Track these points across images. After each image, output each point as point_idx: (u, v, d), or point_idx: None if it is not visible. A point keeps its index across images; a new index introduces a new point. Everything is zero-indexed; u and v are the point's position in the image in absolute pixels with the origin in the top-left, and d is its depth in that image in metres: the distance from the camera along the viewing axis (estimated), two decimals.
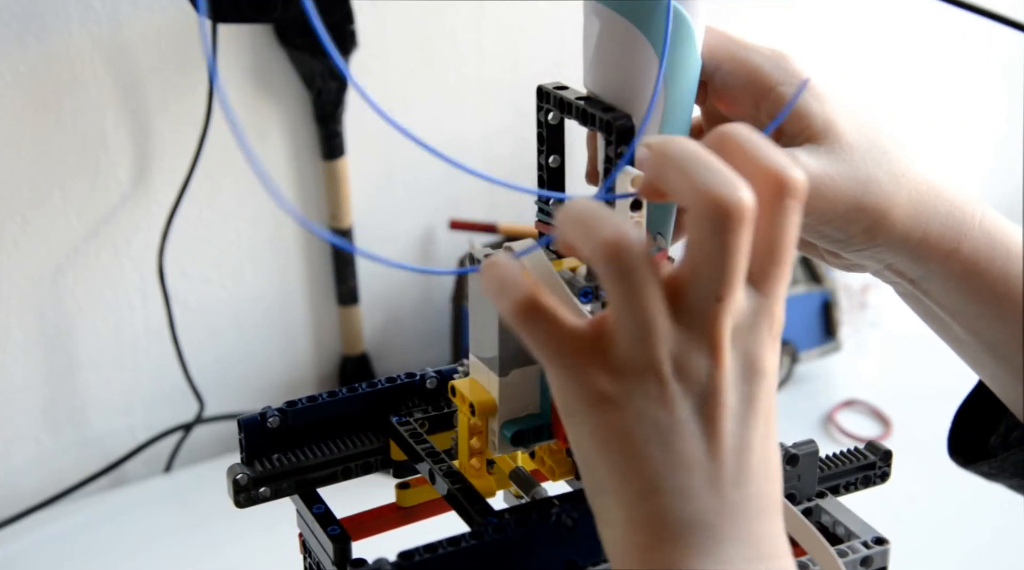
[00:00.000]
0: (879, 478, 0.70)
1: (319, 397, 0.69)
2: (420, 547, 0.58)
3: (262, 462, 0.68)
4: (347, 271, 1.32)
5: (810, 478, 0.67)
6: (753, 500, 0.51)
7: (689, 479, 0.50)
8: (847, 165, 0.61)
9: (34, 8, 1.12)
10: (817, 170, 0.61)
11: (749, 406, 0.51)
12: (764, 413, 0.52)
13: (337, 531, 0.64)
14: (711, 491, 0.50)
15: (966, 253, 0.64)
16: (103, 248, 1.22)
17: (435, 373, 0.71)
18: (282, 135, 1.27)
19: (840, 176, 0.61)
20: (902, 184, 0.62)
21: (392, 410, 0.69)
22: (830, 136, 0.62)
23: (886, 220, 0.62)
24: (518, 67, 1.36)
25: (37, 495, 1.24)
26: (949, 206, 0.64)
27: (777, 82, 0.62)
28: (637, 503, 0.50)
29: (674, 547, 0.49)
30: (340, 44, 1.22)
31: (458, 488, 0.63)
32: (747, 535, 0.50)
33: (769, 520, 0.52)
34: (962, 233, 0.64)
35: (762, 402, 0.52)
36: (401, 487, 0.69)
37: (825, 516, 0.67)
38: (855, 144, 0.62)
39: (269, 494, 0.67)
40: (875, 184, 0.62)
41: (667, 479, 0.50)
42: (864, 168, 0.62)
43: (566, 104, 0.60)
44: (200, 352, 1.29)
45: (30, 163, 1.16)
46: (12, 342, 1.20)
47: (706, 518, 0.50)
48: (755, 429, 0.51)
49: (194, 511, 1.25)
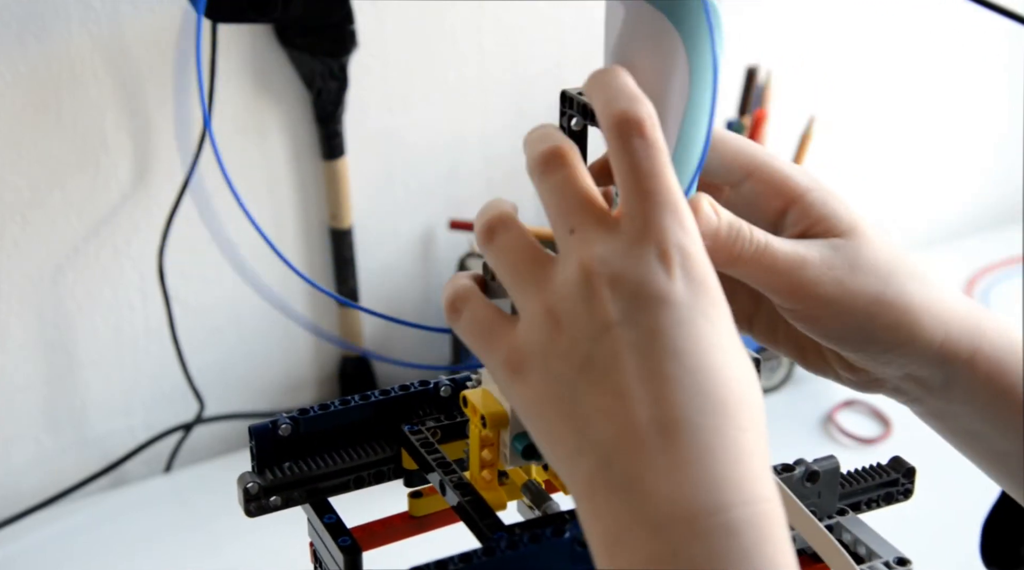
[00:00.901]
0: (902, 495, 0.69)
1: (331, 405, 0.68)
2: (431, 563, 0.57)
3: (273, 470, 0.67)
4: (347, 271, 1.32)
5: (831, 495, 0.65)
6: (693, 442, 0.48)
7: (605, 429, 0.49)
8: (870, 260, 0.62)
9: (34, 8, 1.12)
10: (841, 262, 0.61)
11: (654, 338, 0.49)
12: (681, 343, 0.50)
13: (348, 542, 0.64)
14: (631, 438, 0.49)
15: (987, 355, 0.64)
16: (103, 248, 1.21)
17: (449, 381, 0.70)
18: (282, 135, 1.27)
19: (863, 269, 0.62)
20: (922, 284, 0.63)
21: (405, 418, 0.69)
22: (855, 235, 0.62)
23: (908, 316, 0.62)
24: (518, 67, 1.36)
25: (37, 495, 1.24)
26: (967, 306, 0.64)
27: (807, 188, 0.63)
28: (571, 463, 0.50)
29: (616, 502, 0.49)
30: (340, 44, 1.22)
31: (468, 501, 0.62)
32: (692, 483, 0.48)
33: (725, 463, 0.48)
34: (982, 333, 0.64)
35: (671, 332, 0.50)
36: (414, 496, 0.69)
37: (846, 534, 0.66)
38: (878, 244, 0.63)
39: (280, 503, 0.67)
40: (896, 279, 0.62)
41: (586, 435, 0.49)
42: (886, 266, 0.62)
43: (590, 111, 0.59)
44: (200, 352, 1.29)
45: (30, 163, 1.15)
46: (12, 342, 1.20)
47: (636, 471, 0.48)
48: (668, 361, 0.49)
49: (194, 511, 1.25)
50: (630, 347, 0.49)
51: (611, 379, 0.49)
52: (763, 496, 0.48)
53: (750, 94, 1.38)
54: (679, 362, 0.49)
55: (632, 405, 0.49)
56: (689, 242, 0.51)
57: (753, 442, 0.49)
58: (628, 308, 0.50)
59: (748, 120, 1.35)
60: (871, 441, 1.29)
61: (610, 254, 0.51)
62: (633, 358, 0.49)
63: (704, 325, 0.50)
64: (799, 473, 0.63)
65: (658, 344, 0.49)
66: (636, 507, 0.48)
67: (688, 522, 0.47)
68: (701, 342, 0.50)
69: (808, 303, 0.61)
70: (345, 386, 1.37)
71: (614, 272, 0.50)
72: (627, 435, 0.49)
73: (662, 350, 0.49)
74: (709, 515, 0.47)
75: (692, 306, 0.50)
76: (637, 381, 0.49)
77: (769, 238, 0.60)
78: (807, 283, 0.60)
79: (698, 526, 0.47)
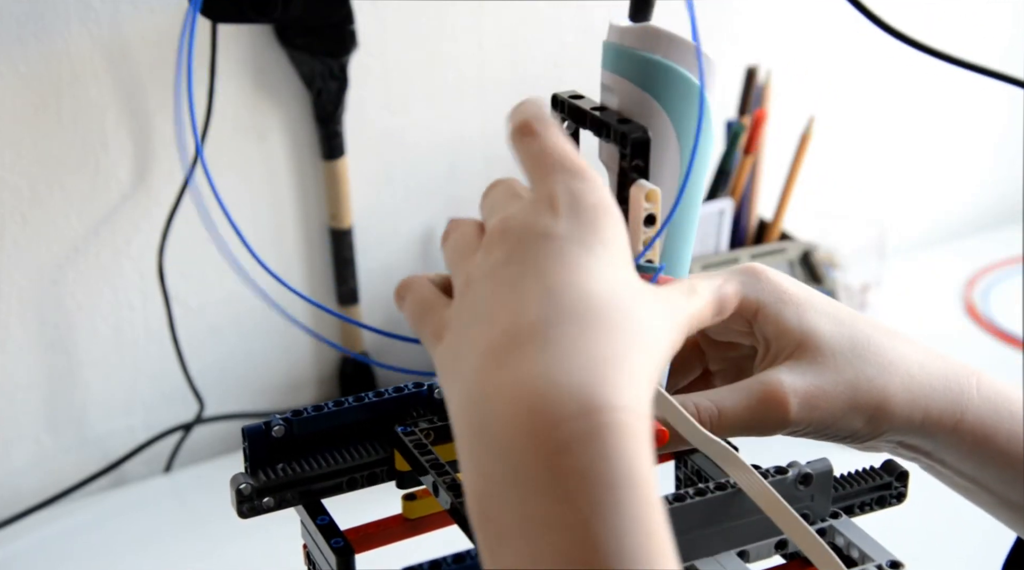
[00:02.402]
0: (895, 499, 0.69)
1: (325, 406, 0.69)
2: (425, 563, 0.57)
3: (266, 472, 0.68)
4: (347, 271, 1.32)
5: (824, 498, 0.65)
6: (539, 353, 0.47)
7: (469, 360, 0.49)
8: (833, 373, 0.62)
9: (34, 8, 1.12)
10: (805, 387, 0.62)
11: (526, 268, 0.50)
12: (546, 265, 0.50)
13: (341, 544, 0.64)
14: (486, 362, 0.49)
15: (971, 423, 0.64)
16: (103, 248, 1.21)
17: None
18: (282, 135, 1.27)
19: (829, 385, 0.62)
20: (893, 373, 0.63)
21: (398, 420, 0.69)
22: (810, 347, 0.63)
23: (884, 411, 0.63)
24: (518, 67, 1.36)
25: (37, 495, 1.24)
26: (944, 381, 0.64)
27: (758, 306, 0.63)
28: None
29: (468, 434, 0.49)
30: (340, 44, 1.22)
31: (461, 502, 0.62)
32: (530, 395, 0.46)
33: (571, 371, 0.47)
34: (962, 405, 0.64)
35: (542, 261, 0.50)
36: (407, 498, 0.69)
37: (839, 538, 0.65)
38: (837, 348, 0.63)
39: (273, 504, 0.67)
40: (865, 382, 0.63)
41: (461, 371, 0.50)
42: (851, 371, 0.63)
43: (580, 114, 0.60)
44: (200, 352, 1.29)
45: (30, 163, 1.16)
46: (12, 342, 1.20)
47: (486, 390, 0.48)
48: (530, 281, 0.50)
49: (194, 511, 1.25)
50: (505, 281, 0.50)
51: (480, 318, 0.50)
52: (612, 405, 0.46)
53: (750, 94, 1.38)
54: (539, 281, 0.50)
55: (492, 327, 0.49)
56: (580, 185, 0.52)
57: (610, 351, 0.48)
58: (513, 250, 0.51)
59: (748, 120, 1.35)
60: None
61: (510, 212, 0.53)
62: (504, 288, 0.50)
63: (576, 251, 0.50)
64: (792, 475, 0.63)
65: (528, 271, 0.50)
66: (475, 431, 0.48)
67: (524, 439, 0.46)
68: (568, 265, 0.50)
69: (784, 429, 0.62)
70: (345, 386, 1.37)
71: (507, 225, 0.52)
72: (484, 357, 0.49)
73: (529, 275, 0.50)
74: (544, 429, 0.45)
75: (569, 238, 0.51)
76: (500, 306, 0.50)
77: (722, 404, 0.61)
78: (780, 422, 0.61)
79: (531, 444, 0.45)
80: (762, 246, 1.36)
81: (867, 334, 0.64)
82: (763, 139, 1.36)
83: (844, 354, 0.63)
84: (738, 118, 1.37)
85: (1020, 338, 1.48)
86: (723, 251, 1.36)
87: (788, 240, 1.39)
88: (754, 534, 0.63)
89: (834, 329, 0.63)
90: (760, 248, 1.36)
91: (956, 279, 1.64)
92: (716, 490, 0.61)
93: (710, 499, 0.61)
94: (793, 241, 1.38)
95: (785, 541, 0.63)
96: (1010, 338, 1.49)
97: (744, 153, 1.35)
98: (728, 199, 1.34)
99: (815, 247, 1.39)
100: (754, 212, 1.39)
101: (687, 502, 0.60)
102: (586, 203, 0.51)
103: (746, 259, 1.34)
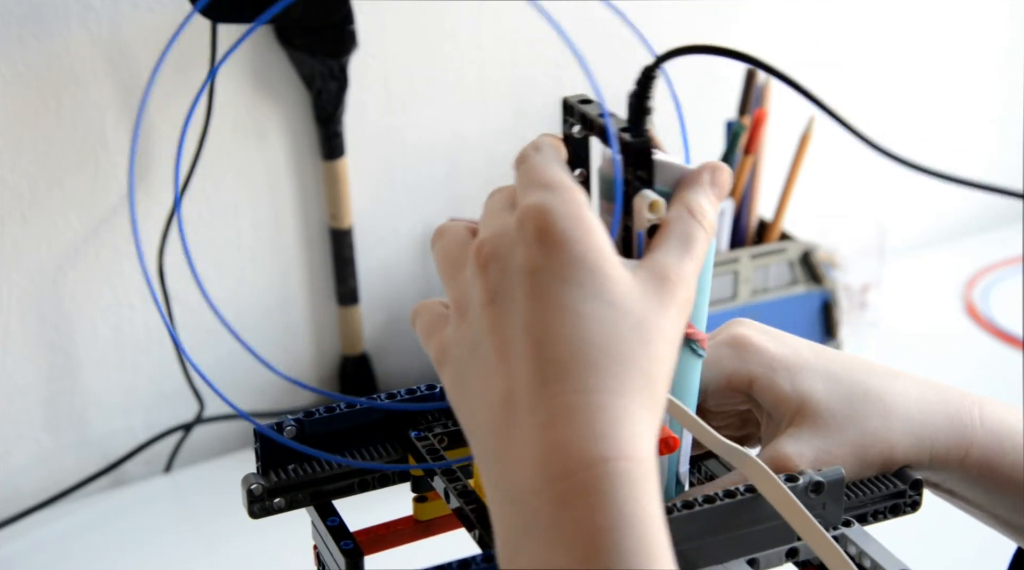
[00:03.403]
0: (909, 507, 0.68)
1: (337, 408, 0.68)
2: (454, 562, 0.57)
3: (277, 472, 0.67)
4: (347, 271, 1.32)
5: (836, 506, 0.64)
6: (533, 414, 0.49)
7: (489, 408, 0.51)
8: (836, 435, 0.64)
9: (34, 8, 1.12)
10: (812, 453, 0.63)
11: (511, 313, 0.51)
12: (531, 315, 0.50)
13: (350, 546, 0.64)
14: (490, 420, 0.51)
15: (976, 457, 0.65)
16: (103, 248, 1.21)
17: None
18: (282, 135, 1.27)
19: (835, 447, 0.64)
20: (895, 419, 0.64)
21: (411, 422, 0.69)
22: (809, 412, 0.64)
23: (892, 460, 0.65)
24: (518, 67, 1.36)
25: (37, 495, 1.24)
26: (946, 420, 0.65)
27: (752, 375, 0.65)
28: (472, 441, 0.53)
29: (487, 481, 0.51)
30: (340, 44, 1.22)
31: (472, 509, 0.62)
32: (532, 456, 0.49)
33: (563, 429, 0.48)
34: (967, 439, 0.65)
35: (525, 304, 0.50)
36: (419, 500, 0.69)
37: (851, 546, 0.64)
38: (835, 409, 0.64)
39: (284, 505, 0.67)
40: (869, 436, 0.64)
41: (471, 417, 0.52)
42: (853, 429, 0.64)
43: (588, 120, 0.59)
44: (200, 352, 1.29)
45: (30, 163, 1.15)
46: (12, 342, 1.20)
47: (495, 448, 0.50)
48: (520, 335, 0.50)
49: (194, 511, 1.25)
50: (494, 325, 0.51)
51: (481, 359, 0.51)
52: (610, 456, 0.48)
53: (750, 94, 1.38)
54: (528, 335, 0.50)
55: (492, 383, 0.50)
56: (552, 200, 0.51)
57: (596, 403, 0.49)
58: (499, 284, 0.51)
59: (748, 120, 1.35)
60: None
61: (492, 234, 0.52)
62: (496, 336, 0.51)
63: (557, 288, 0.50)
64: (804, 483, 0.62)
65: (514, 319, 0.51)
66: (495, 483, 0.50)
67: (533, 494, 0.48)
68: (550, 307, 0.50)
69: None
70: (345, 386, 1.37)
71: (492, 250, 0.52)
72: (488, 413, 0.50)
73: (516, 325, 0.50)
74: (548, 484, 0.48)
75: (547, 269, 0.50)
76: (497, 359, 0.51)
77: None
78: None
79: (539, 498, 0.48)
80: (762, 246, 1.36)
81: (863, 383, 0.65)
82: (763, 139, 1.36)
83: (844, 412, 0.64)
84: (738, 118, 1.37)
85: (1020, 338, 1.48)
86: (723, 251, 1.36)
87: (788, 240, 1.39)
88: (764, 542, 0.62)
89: (830, 388, 0.64)
90: (760, 248, 1.36)
91: (956, 279, 1.64)
92: (726, 497, 0.60)
93: (719, 506, 0.60)
94: (793, 241, 1.38)
95: (796, 549, 0.63)
96: (1010, 338, 1.49)
97: (744, 153, 1.35)
98: (728, 199, 1.34)
99: (815, 247, 1.39)
100: (754, 212, 1.39)
101: (696, 509, 0.59)
102: (557, 227, 0.51)
103: (746, 259, 1.34)
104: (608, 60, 0.98)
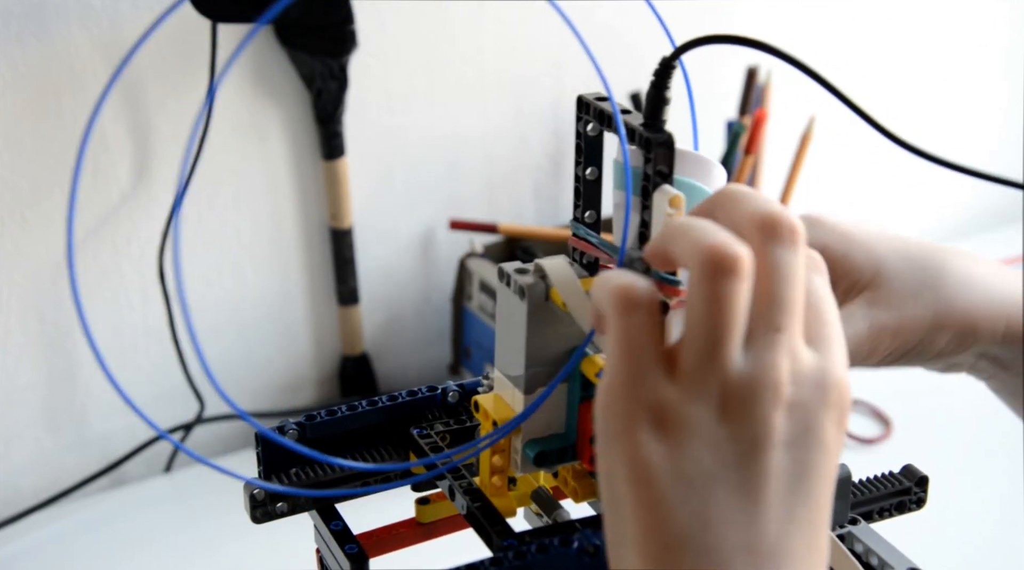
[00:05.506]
0: (915, 504, 0.68)
1: (338, 410, 0.68)
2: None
3: (279, 476, 0.67)
4: (347, 271, 1.32)
5: (843, 504, 0.64)
6: None
7: (723, 540, 0.46)
8: (911, 299, 0.63)
9: (34, 8, 1.11)
10: (885, 319, 0.62)
11: (802, 475, 0.48)
12: (818, 492, 0.48)
13: (355, 550, 0.64)
14: (745, 560, 0.46)
15: None
16: (103, 248, 1.21)
17: (457, 387, 0.70)
18: (282, 135, 1.27)
19: (909, 313, 0.62)
20: (971, 288, 0.64)
21: (412, 423, 0.69)
22: (883, 281, 0.63)
23: (965, 325, 0.63)
24: (518, 67, 1.36)
25: (37, 495, 1.24)
26: (1016, 288, 0.65)
27: (826, 245, 0.64)
28: (661, 556, 0.46)
29: None
30: (340, 44, 1.22)
31: (478, 507, 0.62)
32: None
33: None
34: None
35: (817, 477, 0.48)
36: (421, 503, 0.69)
37: (858, 544, 0.64)
38: (910, 275, 0.63)
39: (287, 509, 0.67)
40: (945, 304, 0.63)
41: (698, 536, 0.46)
42: (931, 295, 0.63)
43: (605, 117, 0.59)
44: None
45: (30, 163, 1.15)
46: (12, 342, 1.20)
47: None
48: (804, 504, 0.47)
49: (194, 511, 1.24)
50: (780, 476, 0.47)
51: (751, 497, 0.47)
52: None
53: (750, 94, 1.38)
54: (808, 507, 0.48)
55: (760, 530, 0.47)
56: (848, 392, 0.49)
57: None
58: (795, 438, 0.48)
59: (748, 120, 1.35)
60: (871, 441, 1.29)
61: (803, 378, 0.48)
62: (779, 488, 0.47)
63: (831, 474, 0.49)
64: None
65: (803, 485, 0.48)
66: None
67: None
68: (824, 496, 0.48)
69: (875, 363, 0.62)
70: (345, 386, 1.37)
71: (800, 398, 0.48)
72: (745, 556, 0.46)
73: (804, 492, 0.48)
74: None
75: (834, 453, 0.49)
76: (775, 509, 0.47)
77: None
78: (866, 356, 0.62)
79: None
80: None
81: (939, 255, 0.64)
82: (763, 139, 1.36)
83: (920, 280, 0.63)
84: (739, 118, 1.37)
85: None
86: None
87: None
88: None
89: (902, 257, 0.64)
90: None
91: None
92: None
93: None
94: None
95: None
96: None
97: (745, 153, 1.35)
98: None
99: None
100: None
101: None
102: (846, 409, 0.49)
103: None
104: (608, 60, 0.98)
